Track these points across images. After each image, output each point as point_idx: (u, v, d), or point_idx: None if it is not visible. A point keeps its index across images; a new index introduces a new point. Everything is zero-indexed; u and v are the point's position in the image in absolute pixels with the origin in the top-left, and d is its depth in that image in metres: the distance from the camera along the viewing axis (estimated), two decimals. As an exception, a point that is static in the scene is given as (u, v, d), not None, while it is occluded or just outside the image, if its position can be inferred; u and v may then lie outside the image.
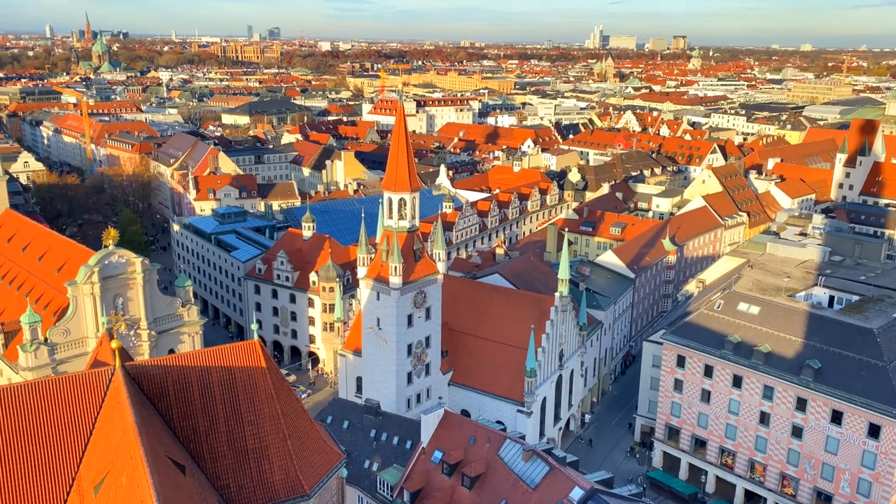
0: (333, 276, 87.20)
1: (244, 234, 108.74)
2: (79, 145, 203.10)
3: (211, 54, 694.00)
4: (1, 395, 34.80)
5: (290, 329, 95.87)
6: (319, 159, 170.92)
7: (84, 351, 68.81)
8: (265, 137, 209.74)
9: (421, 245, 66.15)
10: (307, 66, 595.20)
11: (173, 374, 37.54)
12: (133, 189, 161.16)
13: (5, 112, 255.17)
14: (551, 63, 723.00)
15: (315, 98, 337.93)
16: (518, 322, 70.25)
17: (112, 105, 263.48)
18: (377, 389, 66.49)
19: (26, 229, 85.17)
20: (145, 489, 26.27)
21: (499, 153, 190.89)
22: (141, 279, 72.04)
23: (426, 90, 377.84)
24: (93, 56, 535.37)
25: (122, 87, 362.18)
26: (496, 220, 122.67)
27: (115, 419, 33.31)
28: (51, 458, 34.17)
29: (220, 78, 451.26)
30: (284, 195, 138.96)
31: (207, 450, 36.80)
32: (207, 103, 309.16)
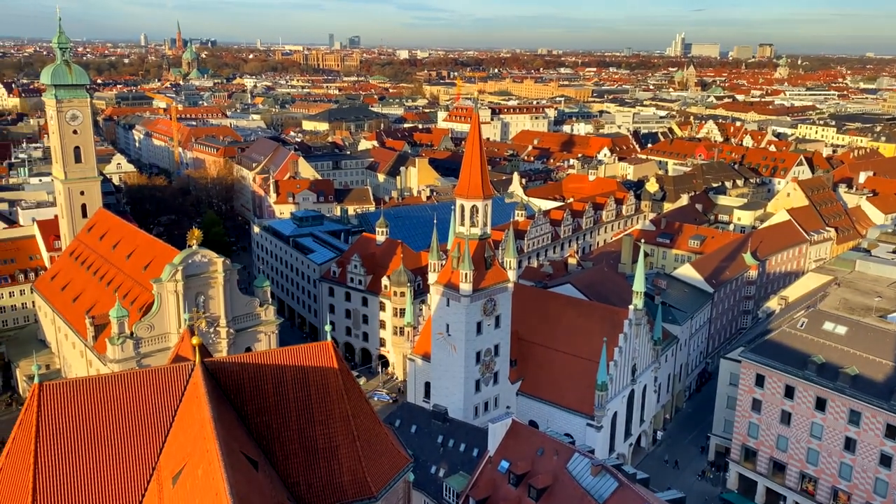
0: (404, 281, 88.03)
1: (320, 237, 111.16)
2: (167, 148, 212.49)
3: (293, 62, 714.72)
4: (90, 384, 36.68)
5: (362, 332, 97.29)
6: (394, 166, 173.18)
7: (166, 346, 71.71)
8: (343, 144, 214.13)
9: (492, 253, 66.00)
10: (385, 74, 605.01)
11: (249, 371, 38.66)
12: (217, 191, 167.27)
13: (102, 116, 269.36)
14: (630, 71, 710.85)
15: (392, 105, 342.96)
16: (590, 334, 69.09)
17: (199, 110, 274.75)
18: (445, 395, 66.61)
19: (117, 228, 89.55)
20: (219, 483, 27.09)
21: (574, 161, 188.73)
22: (222, 278, 74.64)
23: (501, 98, 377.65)
24: (183, 63, 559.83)
25: (209, 93, 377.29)
26: (569, 230, 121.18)
27: (193, 413, 34.55)
28: (134, 446, 35.74)
29: (302, 85, 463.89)
30: (360, 200, 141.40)
31: (279, 447, 37.71)
32: (289, 110, 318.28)
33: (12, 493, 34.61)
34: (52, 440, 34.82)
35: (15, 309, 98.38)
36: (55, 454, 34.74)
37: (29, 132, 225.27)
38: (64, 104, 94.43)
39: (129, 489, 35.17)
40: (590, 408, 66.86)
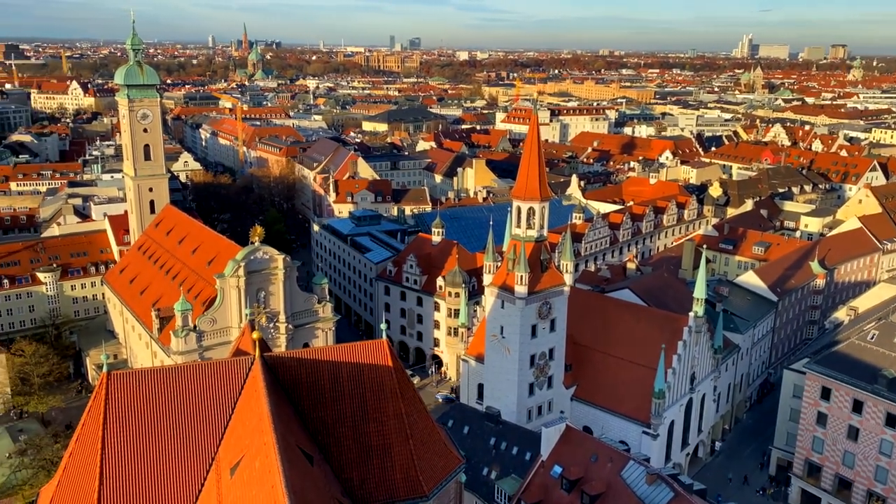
0: (459, 282, 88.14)
1: (378, 236, 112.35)
2: (232, 147, 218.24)
3: (355, 63, 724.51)
4: (155, 375, 37.98)
5: (416, 331, 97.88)
6: (451, 166, 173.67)
7: (227, 339, 73.60)
8: (401, 144, 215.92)
9: (548, 255, 65.49)
10: (444, 75, 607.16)
11: (306, 366, 39.34)
12: (279, 190, 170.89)
13: (170, 115, 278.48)
14: (694, 72, 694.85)
15: (450, 107, 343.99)
16: (648, 340, 67.84)
17: (263, 111, 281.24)
18: (498, 398, 66.41)
19: (183, 224, 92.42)
20: (276, 475, 27.64)
21: (634, 164, 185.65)
22: (282, 275, 76.23)
23: (561, 99, 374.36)
24: (248, 64, 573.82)
25: (273, 93, 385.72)
26: (628, 234, 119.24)
27: (252, 406, 35.35)
28: (194, 436, 36.81)
29: (363, 86, 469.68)
30: (417, 201, 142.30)
31: (334, 442, 38.23)
32: (349, 111, 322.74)
33: (81, 476, 36.11)
34: (118, 426, 36.18)
35: (86, 300, 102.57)
36: (121, 440, 36.08)
37: (102, 130, 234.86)
38: (135, 103, 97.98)
39: (190, 477, 36.24)
40: (646, 415, 65.64)
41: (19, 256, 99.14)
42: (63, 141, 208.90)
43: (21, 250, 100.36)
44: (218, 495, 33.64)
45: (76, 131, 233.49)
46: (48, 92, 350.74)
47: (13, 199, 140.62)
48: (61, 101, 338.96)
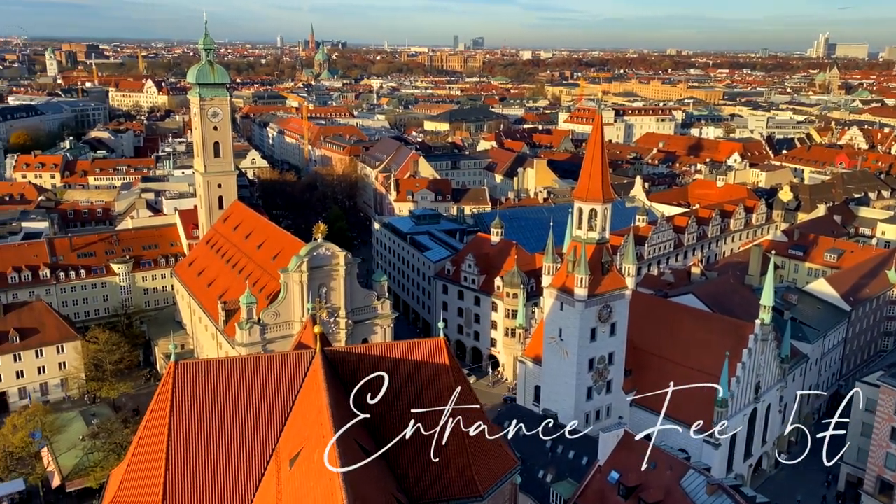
0: (518, 283, 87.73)
1: (437, 235, 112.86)
2: (298, 146, 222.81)
3: (418, 63, 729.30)
4: (220, 365, 39.12)
5: (473, 331, 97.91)
6: (512, 166, 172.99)
7: (290, 333, 75.20)
8: (462, 144, 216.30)
9: (610, 258, 64.52)
10: (507, 74, 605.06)
11: (365, 361, 39.84)
12: (341, 188, 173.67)
13: (239, 114, 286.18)
14: (766, 73, 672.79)
15: (512, 106, 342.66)
16: (711, 347, 66.09)
17: (328, 110, 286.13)
18: (555, 401, 65.82)
19: (250, 219, 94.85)
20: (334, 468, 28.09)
21: (701, 166, 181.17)
22: (343, 271, 77.43)
23: (626, 99, 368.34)
24: (314, 64, 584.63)
25: (338, 93, 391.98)
26: (693, 237, 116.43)
27: (312, 399, 36.04)
28: (256, 426, 37.77)
29: (425, 86, 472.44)
30: (476, 200, 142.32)
31: (390, 438, 38.53)
32: (412, 110, 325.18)
33: (148, 461, 37.50)
34: (184, 414, 37.43)
35: (156, 291, 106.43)
36: (186, 427, 37.32)
37: (175, 127, 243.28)
38: (206, 102, 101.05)
39: (251, 466, 37.20)
40: (707, 424, 63.93)
41: (95, 248, 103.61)
42: (138, 137, 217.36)
43: (97, 242, 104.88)
44: (277, 485, 34.41)
45: (150, 128, 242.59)
46: (125, 90, 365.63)
47: (91, 193, 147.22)
48: (137, 98, 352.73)
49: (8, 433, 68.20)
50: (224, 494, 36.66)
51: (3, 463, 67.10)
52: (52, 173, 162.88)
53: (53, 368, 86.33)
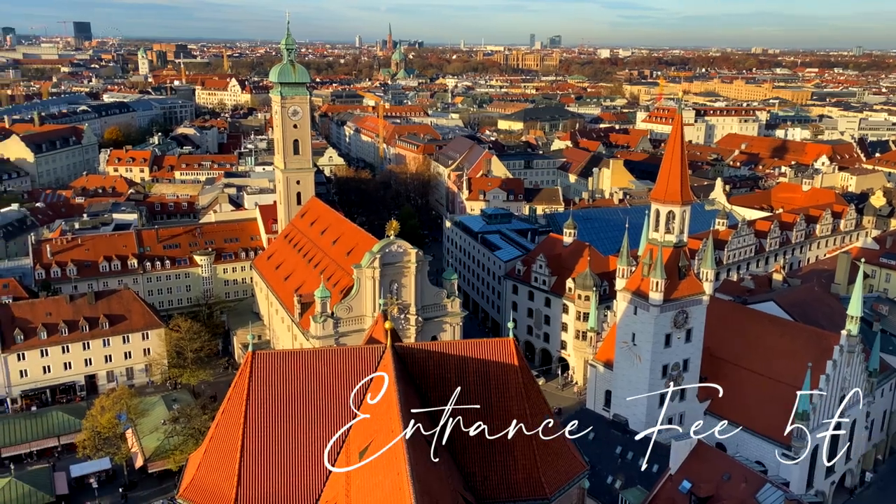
0: (590, 285, 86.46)
1: (508, 235, 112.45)
2: (373, 144, 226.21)
3: (494, 62, 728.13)
4: (296, 357, 40.17)
5: (543, 332, 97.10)
6: (587, 166, 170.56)
7: (362, 327, 76.49)
8: (536, 143, 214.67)
9: (687, 262, 62.79)
10: (584, 73, 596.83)
11: (434, 359, 40.16)
12: (414, 186, 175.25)
13: (318, 112, 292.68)
14: (859, 72, 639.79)
15: (589, 105, 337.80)
16: (793, 357, 63.43)
17: (404, 109, 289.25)
18: (626, 406, 64.59)
19: (326, 215, 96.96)
20: (402, 463, 28.44)
21: (786, 169, 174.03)
22: (414, 268, 78.23)
23: (708, 99, 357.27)
24: (391, 64, 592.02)
25: (413, 92, 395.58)
26: (776, 243, 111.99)
27: (382, 393, 36.55)
28: (328, 417, 38.60)
29: (500, 85, 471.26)
30: (549, 200, 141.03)
31: (458, 436, 38.74)
32: (486, 109, 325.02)
33: (225, 447, 38.87)
34: (259, 403, 38.63)
35: (236, 283, 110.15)
36: (262, 415, 38.50)
37: (257, 125, 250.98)
38: (287, 100, 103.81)
39: (322, 456, 38.02)
40: (787, 437, 61.41)
41: (180, 240, 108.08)
42: (222, 134, 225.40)
43: (181, 234, 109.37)
44: (347, 476, 35.08)
45: (233, 125, 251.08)
46: (210, 88, 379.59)
47: (177, 187, 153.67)
48: (221, 97, 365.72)
49: (97, 414, 71.98)
50: (295, 482, 37.66)
51: (92, 442, 70.83)
52: (142, 168, 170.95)
53: (139, 354, 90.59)
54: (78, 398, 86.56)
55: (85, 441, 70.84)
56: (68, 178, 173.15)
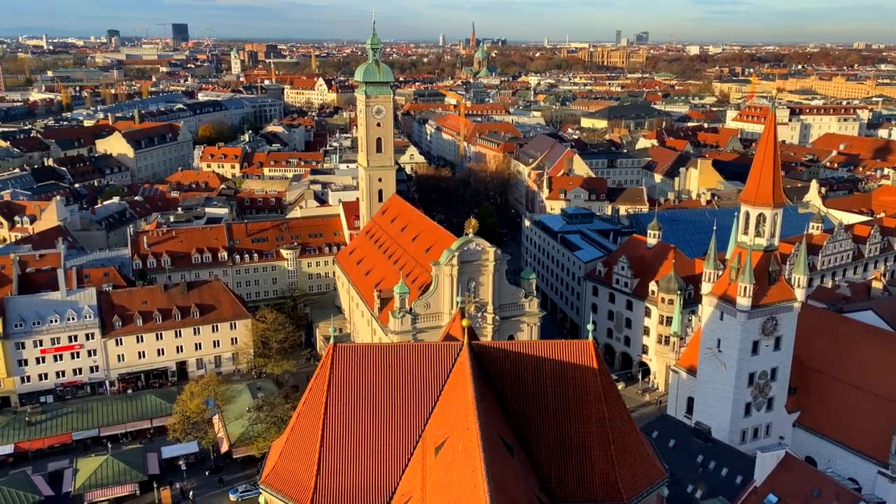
0: (674, 288, 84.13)
1: (589, 235, 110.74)
2: (454, 142, 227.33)
3: (578, 59, 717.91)
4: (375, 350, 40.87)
5: (624, 335, 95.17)
6: (673, 166, 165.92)
7: (438, 324, 77.04)
8: (620, 142, 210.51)
9: (778, 267, 60.20)
10: (672, 70, 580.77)
11: (511, 358, 40.00)
12: (494, 184, 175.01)
13: (401, 111, 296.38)
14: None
15: (676, 103, 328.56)
16: (892, 370, 59.89)
17: (485, 107, 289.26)
18: (709, 414, 62.55)
19: (406, 213, 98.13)
20: (477, 461, 28.46)
21: (889, 171, 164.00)
22: (492, 267, 78.16)
23: (803, 97, 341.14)
24: (474, 62, 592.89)
25: (495, 90, 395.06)
26: (876, 249, 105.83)
27: (458, 390, 36.70)
28: (405, 411, 39.09)
29: (584, 82, 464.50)
30: (633, 200, 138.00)
31: (534, 437, 38.49)
32: (569, 107, 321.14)
33: (305, 436, 39.96)
34: (340, 394, 39.50)
35: (319, 277, 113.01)
36: (341, 407, 39.36)
37: (341, 124, 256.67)
38: (371, 99, 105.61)
39: (398, 449, 38.57)
40: (884, 454, 57.99)
41: (267, 234, 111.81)
42: (308, 132, 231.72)
43: (269, 229, 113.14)
44: (422, 471, 35.43)
45: (319, 124, 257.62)
46: (298, 88, 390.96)
47: (265, 183, 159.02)
48: (309, 96, 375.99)
49: (186, 399, 75.43)
50: (373, 474, 38.33)
51: (182, 426, 74.27)
52: (233, 164, 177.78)
53: (226, 343, 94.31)
54: (169, 383, 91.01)
55: (175, 425, 74.40)
56: (165, 173, 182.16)
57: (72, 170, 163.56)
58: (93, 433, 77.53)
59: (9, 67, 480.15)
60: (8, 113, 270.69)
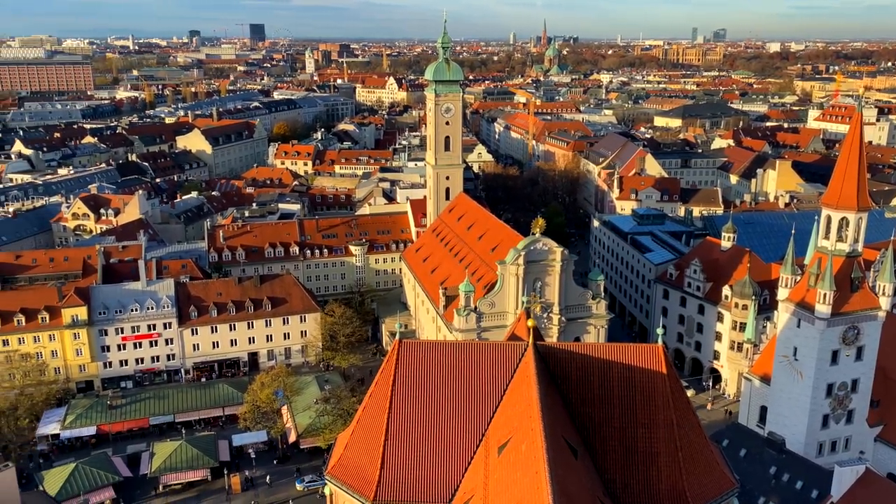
0: (749, 293, 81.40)
1: (660, 236, 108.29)
2: (522, 141, 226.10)
3: (652, 57, 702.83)
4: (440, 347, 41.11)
5: (695, 340, 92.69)
6: (750, 167, 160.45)
7: (503, 324, 76.81)
8: (695, 141, 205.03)
9: (861, 274, 57.44)
10: (750, 68, 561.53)
11: (577, 360, 39.56)
12: (562, 183, 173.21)
13: (469, 109, 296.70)
14: None
15: (754, 102, 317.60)
16: None
17: (555, 105, 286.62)
18: (784, 425, 60.28)
19: (473, 211, 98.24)
20: (540, 462, 28.29)
21: None
22: (559, 267, 77.38)
23: (893, 95, 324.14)
24: (545, 60, 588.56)
25: (566, 88, 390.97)
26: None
27: (522, 390, 36.55)
28: (469, 409, 39.22)
29: (658, 80, 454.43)
30: (707, 202, 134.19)
31: (599, 441, 37.98)
32: (642, 105, 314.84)
33: (371, 430, 40.56)
34: (405, 390, 39.93)
35: (386, 273, 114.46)
36: (406, 402, 39.78)
37: (411, 122, 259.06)
38: (441, 98, 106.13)
39: (461, 447, 38.73)
40: (976, 476, 54.71)
41: (337, 230, 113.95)
42: (378, 131, 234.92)
43: (339, 225, 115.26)
44: (485, 470, 35.45)
45: (389, 122, 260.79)
46: (370, 87, 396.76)
47: (336, 180, 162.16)
48: (379, 94, 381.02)
49: (257, 389, 77.66)
50: (436, 470, 38.61)
51: (252, 415, 76.51)
52: (305, 161, 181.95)
53: (296, 336, 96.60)
54: (241, 373, 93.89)
55: (246, 413, 76.72)
56: (240, 169, 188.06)
57: (153, 165, 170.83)
58: (168, 419, 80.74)
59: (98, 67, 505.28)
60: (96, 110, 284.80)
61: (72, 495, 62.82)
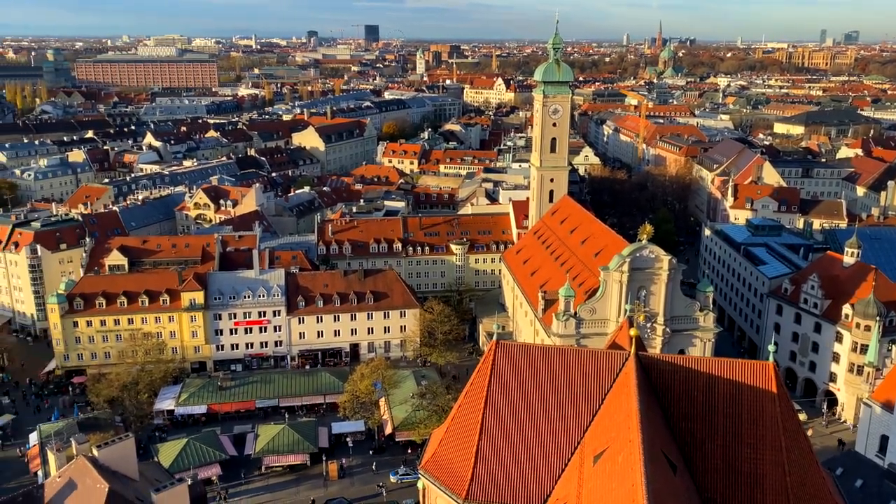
0: (873, 314, 75.95)
1: (776, 249, 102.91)
2: (632, 144, 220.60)
3: (774, 60, 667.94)
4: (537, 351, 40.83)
5: (809, 360, 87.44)
6: (880, 179, 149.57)
7: (604, 331, 75.26)
8: (818, 150, 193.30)
9: None
10: (885, 73, 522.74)
11: (681, 373, 38.25)
12: (673, 189, 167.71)
13: (578, 111, 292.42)
14: None
15: (888, 110, 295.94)
16: None
17: (668, 108, 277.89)
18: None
19: (576, 214, 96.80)
20: (637, 475, 27.56)
21: None
22: (666, 276, 74.93)
23: None
24: (659, 62, 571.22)
25: (680, 91, 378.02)
26: None
27: (622, 401, 35.71)
28: (565, 415, 38.73)
29: (780, 85, 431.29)
30: (829, 214, 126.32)
31: (701, 457, 36.58)
32: (761, 111, 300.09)
33: (465, 428, 40.81)
34: (500, 391, 39.94)
35: (486, 273, 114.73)
36: (501, 403, 39.77)
37: (517, 123, 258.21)
38: (549, 99, 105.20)
39: (555, 452, 38.30)
40: None
41: (439, 229, 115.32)
42: (484, 131, 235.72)
43: (441, 223, 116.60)
44: (579, 478, 34.91)
45: (495, 123, 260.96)
46: (478, 87, 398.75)
47: (440, 180, 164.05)
48: (487, 95, 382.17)
49: (357, 379, 79.83)
50: (528, 473, 38.40)
51: (351, 404, 78.72)
52: (412, 160, 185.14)
53: (396, 330, 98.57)
54: (342, 363, 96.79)
55: (345, 403, 79.05)
56: (350, 166, 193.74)
57: (270, 160, 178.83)
58: (273, 403, 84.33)
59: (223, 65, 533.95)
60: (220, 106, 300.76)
61: (183, 468, 66.84)
